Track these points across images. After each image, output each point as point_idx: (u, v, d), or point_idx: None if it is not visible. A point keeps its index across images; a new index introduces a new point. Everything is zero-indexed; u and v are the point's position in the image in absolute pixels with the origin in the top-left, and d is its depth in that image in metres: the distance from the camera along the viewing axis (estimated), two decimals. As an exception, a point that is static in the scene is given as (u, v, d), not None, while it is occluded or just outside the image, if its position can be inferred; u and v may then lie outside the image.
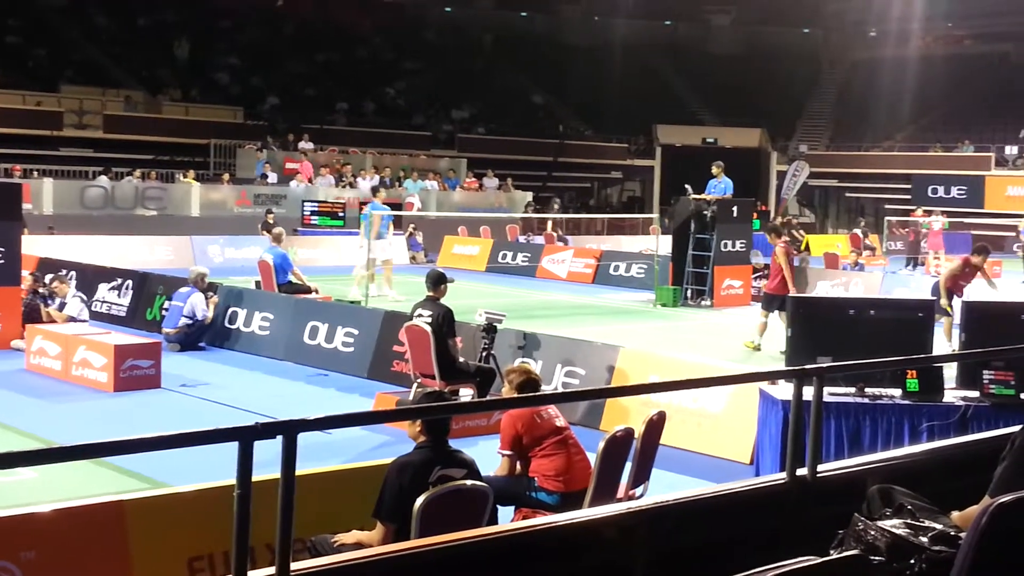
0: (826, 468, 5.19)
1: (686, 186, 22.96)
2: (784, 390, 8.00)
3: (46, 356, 13.37)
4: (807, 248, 28.59)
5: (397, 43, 48.85)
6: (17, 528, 5.79)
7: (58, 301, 15.46)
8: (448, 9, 53.38)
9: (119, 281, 17.78)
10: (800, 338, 8.47)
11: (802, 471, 5.01)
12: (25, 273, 15.73)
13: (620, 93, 49.06)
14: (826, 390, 7.99)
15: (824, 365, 6.41)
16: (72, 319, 15.10)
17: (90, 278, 17.98)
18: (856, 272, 25.14)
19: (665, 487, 7.15)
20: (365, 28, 48.69)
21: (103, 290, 17.78)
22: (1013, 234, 37.39)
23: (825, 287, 22.76)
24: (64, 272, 17.09)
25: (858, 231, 35.65)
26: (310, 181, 33.90)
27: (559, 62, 50.69)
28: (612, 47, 50.30)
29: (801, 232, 31.97)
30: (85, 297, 16.48)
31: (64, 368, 13.00)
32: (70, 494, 6.68)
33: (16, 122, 33.74)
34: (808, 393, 5.12)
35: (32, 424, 10.80)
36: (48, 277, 16.30)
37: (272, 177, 34.00)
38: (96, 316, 16.84)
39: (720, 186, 21.96)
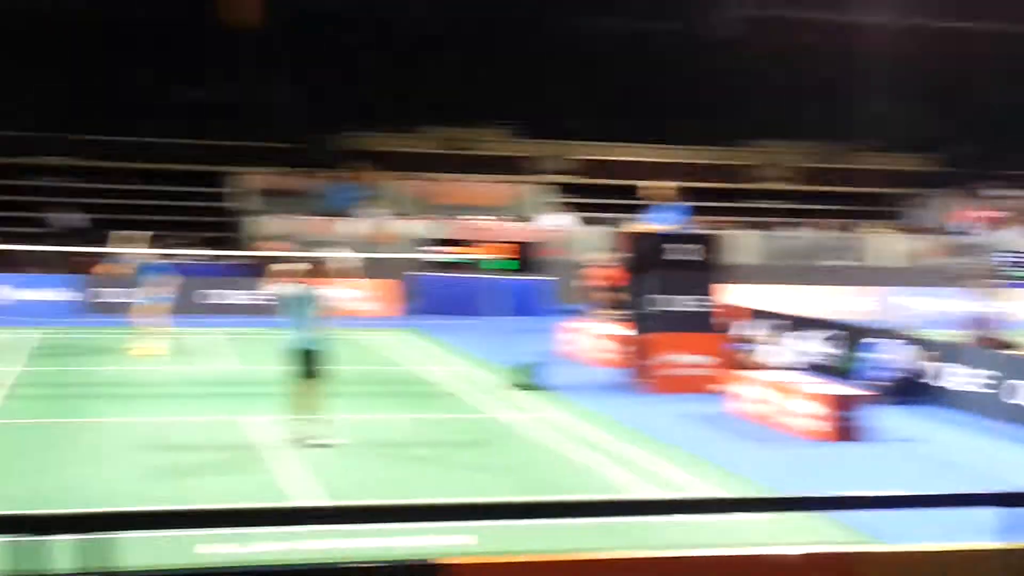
0: None
1: None
2: None
3: (750, 401, 13.74)
4: None
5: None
6: (751, 568, 5.85)
7: (757, 347, 15.91)
8: None
9: (819, 331, 17.86)
10: None
11: None
12: (730, 321, 16.40)
13: None
14: None
15: None
16: (772, 367, 15.44)
17: (792, 327, 18.27)
18: None
19: None
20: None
21: (804, 339, 17.97)
22: None
23: None
24: (770, 321, 17.56)
25: None
26: (996, 229, 32.38)
27: None
28: None
29: None
30: (787, 345, 16.80)
31: (770, 413, 13.26)
32: (784, 539, 6.63)
33: (704, 176, 35.68)
34: None
35: (741, 467, 11.10)
36: (747, 325, 16.86)
37: (959, 226, 32.99)
38: (798, 364, 17.03)
39: None
